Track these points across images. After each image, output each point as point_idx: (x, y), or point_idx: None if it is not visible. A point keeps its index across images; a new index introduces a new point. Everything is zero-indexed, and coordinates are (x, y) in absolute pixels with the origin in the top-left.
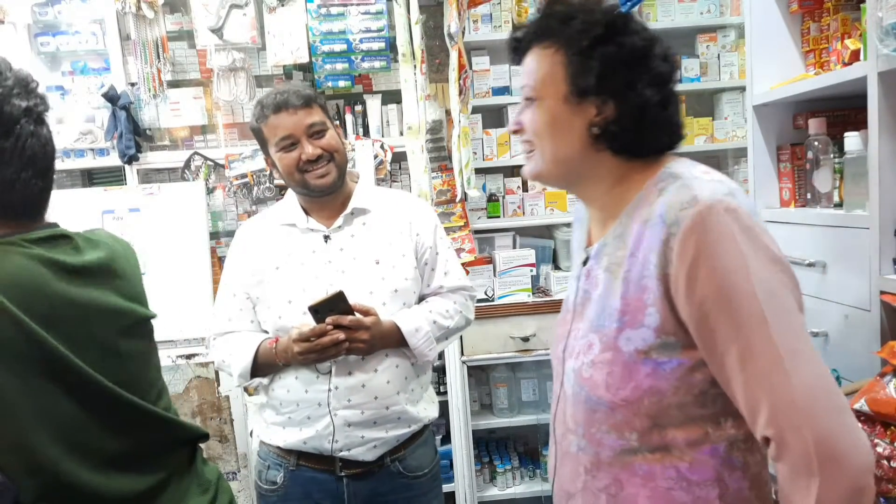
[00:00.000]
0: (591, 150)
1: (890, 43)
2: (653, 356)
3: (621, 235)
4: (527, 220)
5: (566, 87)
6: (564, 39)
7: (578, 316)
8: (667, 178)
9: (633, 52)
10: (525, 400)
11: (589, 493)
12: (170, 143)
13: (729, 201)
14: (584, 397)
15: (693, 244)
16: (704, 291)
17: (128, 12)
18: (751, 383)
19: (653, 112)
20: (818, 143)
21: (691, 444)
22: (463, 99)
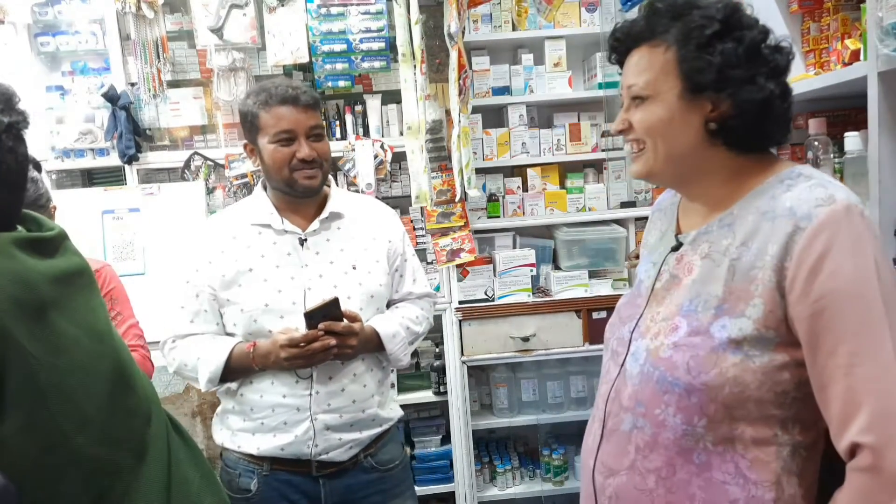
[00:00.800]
0: (706, 144)
1: (890, 43)
2: (745, 347)
3: (731, 225)
4: (527, 220)
5: (681, 83)
6: (677, 36)
7: (658, 299)
8: (796, 176)
9: (752, 46)
10: (525, 400)
11: (636, 472)
12: (170, 143)
13: (863, 208)
14: (656, 377)
15: (824, 239)
16: (825, 289)
17: (128, 12)
18: (854, 387)
19: (775, 104)
20: (818, 143)
21: (757, 443)
22: (463, 99)
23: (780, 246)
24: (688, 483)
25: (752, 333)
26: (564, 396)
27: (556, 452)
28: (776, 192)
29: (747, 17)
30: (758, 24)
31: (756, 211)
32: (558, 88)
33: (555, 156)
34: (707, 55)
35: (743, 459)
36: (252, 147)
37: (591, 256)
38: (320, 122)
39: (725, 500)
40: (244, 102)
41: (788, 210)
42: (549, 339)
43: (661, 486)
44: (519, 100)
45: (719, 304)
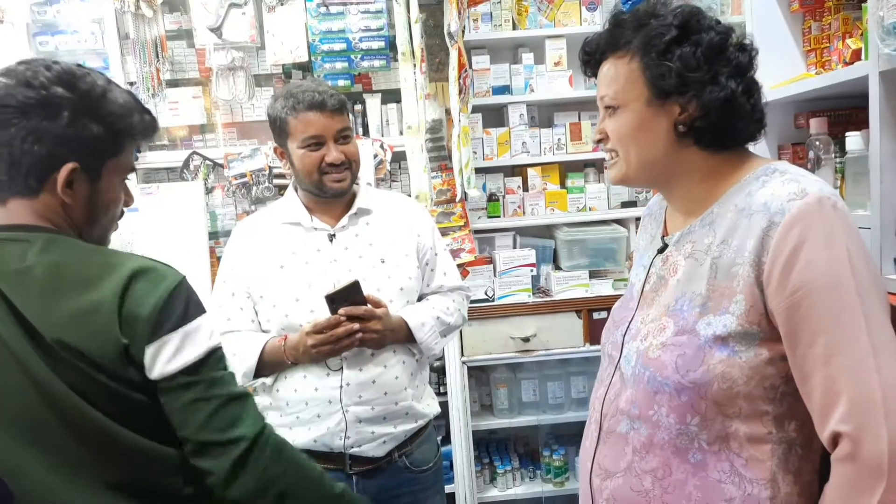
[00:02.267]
0: (678, 147)
1: (891, 42)
2: (730, 343)
3: (711, 224)
4: (527, 220)
5: (647, 90)
6: (639, 46)
7: (648, 302)
8: (771, 172)
9: (710, 48)
10: (525, 401)
11: (633, 473)
12: (168, 142)
13: (836, 200)
14: (647, 378)
15: (797, 233)
16: (800, 281)
17: (126, 11)
18: (834, 376)
19: (739, 102)
20: (819, 143)
21: (751, 441)
22: (463, 98)
23: (756, 241)
24: (684, 483)
25: (737, 329)
26: (565, 397)
27: (556, 453)
28: (752, 189)
29: (706, 20)
30: (717, 26)
31: (734, 208)
32: (559, 88)
33: (555, 155)
34: (667, 61)
35: (738, 458)
36: (282, 151)
37: (591, 256)
38: (348, 124)
39: (721, 498)
40: (272, 106)
41: (763, 205)
42: (550, 340)
43: (658, 486)
44: (519, 99)
45: (704, 303)
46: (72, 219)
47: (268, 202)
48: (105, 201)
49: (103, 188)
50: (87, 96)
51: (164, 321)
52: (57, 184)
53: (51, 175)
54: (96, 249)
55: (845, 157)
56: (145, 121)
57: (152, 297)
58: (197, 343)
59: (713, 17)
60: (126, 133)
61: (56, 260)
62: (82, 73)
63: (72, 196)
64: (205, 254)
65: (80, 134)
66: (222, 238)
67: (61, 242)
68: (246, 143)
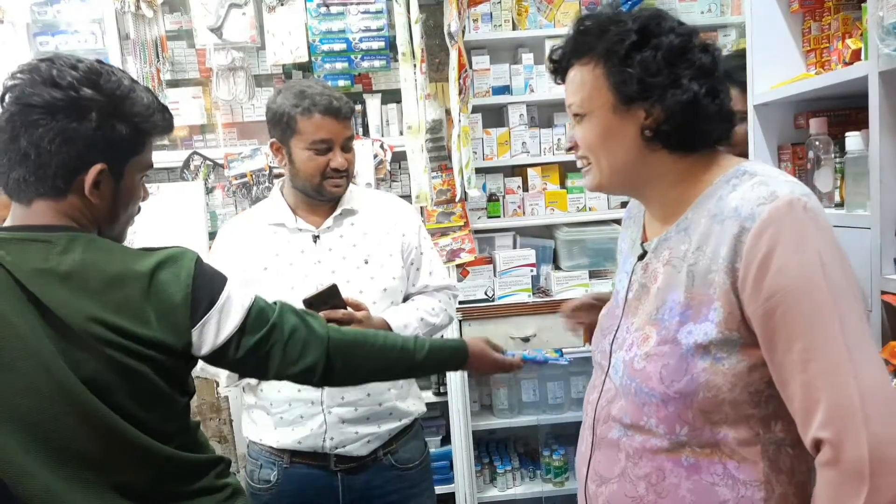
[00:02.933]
0: (647, 151)
1: (891, 42)
2: (712, 351)
3: (686, 230)
4: (527, 220)
5: (612, 97)
6: (602, 52)
7: (631, 310)
8: (740, 174)
9: (671, 51)
10: (525, 401)
11: (627, 479)
12: (169, 142)
13: (808, 200)
14: (633, 389)
15: (768, 238)
16: (774, 287)
17: (127, 11)
18: (811, 382)
19: (703, 104)
20: (819, 143)
21: (741, 443)
22: (463, 98)
23: (729, 248)
24: (677, 487)
25: (717, 337)
26: (565, 397)
27: (556, 453)
28: (723, 193)
29: (667, 23)
30: (679, 27)
31: (707, 214)
32: (559, 88)
33: (555, 155)
34: (628, 67)
35: (730, 460)
36: (280, 146)
37: (591, 256)
38: (353, 132)
39: (715, 501)
40: (277, 101)
41: (734, 211)
42: (550, 340)
43: (652, 491)
44: (519, 99)
45: (683, 311)
46: (94, 217)
47: None
48: (126, 199)
49: (126, 186)
50: (113, 97)
51: (199, 303)
52: (84, 185)
53: (78, 176)
54: (117, 246)
55: (845, 157)
56: (166, 119)
57: (180, 285)
58: (233, 312)
59: (675, 20)
60: (148, 132)
61: (79, 258)
62: (107, 73)
63: (98, 196)
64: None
65: (107, 135)
66: None
67: (83, 241)
68: (246, 144)
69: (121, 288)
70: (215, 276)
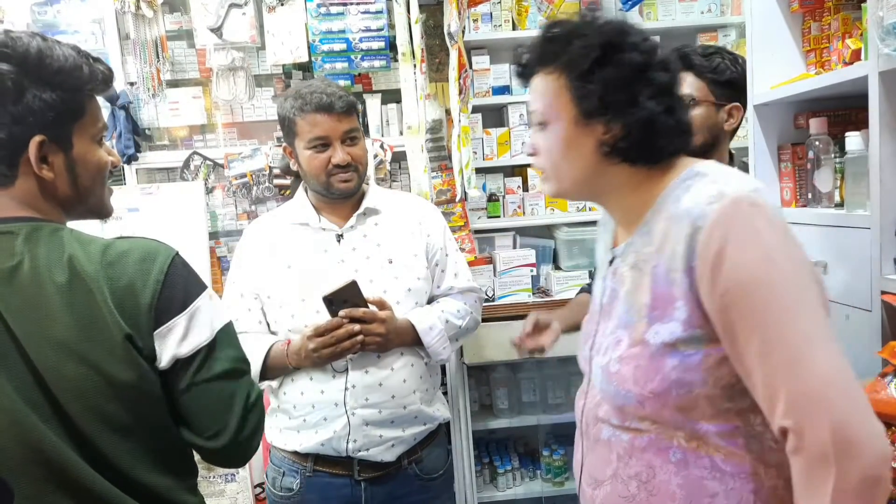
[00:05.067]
0: (606, 164)
1: (891, 42)
2: (680, 348)
3: (648, 233)
4: (527, 220)
5: (574, 109)
6: (565, 64)
7: (606, 315)
8: (693, 176)
9: (632, 69)
10: (525, 401)
11: (619, 480)
12: (169, 142)
13: (755, 196)
14: (612, 392)
15: (718, 236)
16: (728, 283)
17: (127, 11)
18: (771, 373)
19: (660, 122)
20: (819, 143)
21: (723, 437)
22: (463, 98)
23: (685, 247)
24: (667, 483)
25: (683, 335)
26: (565, 397)
27: (556, 453)
28: (678, 194)
29: (631, 38)
30: (643, 44)
31: (665, 216)
32: None
33: None
34: (589, 82)
35: (717, 454)
36: (290, 150)
37: (591, 256)
38: (355, 126)
39: (705, 494)
40: (282, 105)
41: (686, 212)
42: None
43: (643, 490)
44: (519, 99)
45: (650, 312)
46: (59, 197)
47: (268, 202)
48: (88, 167)
49: (80, 155)
50: (25, 63)
51: (167, 305)
52: (31, 165)
53: (19, 157)
54: (82, 238)
55: (845, 157)
56: (96, 70)
57: (148, 282)
58: (202, 325)
59: (641, 33)
60: (80, 89)
61: (38, 255)
62: (13, 39)
63: (52, 171)
64: (205, 254)
65: (32, 105)
66: (222, 238)
67: (46, 232)
68: (246, 143)
69: (82, 289)
70: (192, 280)
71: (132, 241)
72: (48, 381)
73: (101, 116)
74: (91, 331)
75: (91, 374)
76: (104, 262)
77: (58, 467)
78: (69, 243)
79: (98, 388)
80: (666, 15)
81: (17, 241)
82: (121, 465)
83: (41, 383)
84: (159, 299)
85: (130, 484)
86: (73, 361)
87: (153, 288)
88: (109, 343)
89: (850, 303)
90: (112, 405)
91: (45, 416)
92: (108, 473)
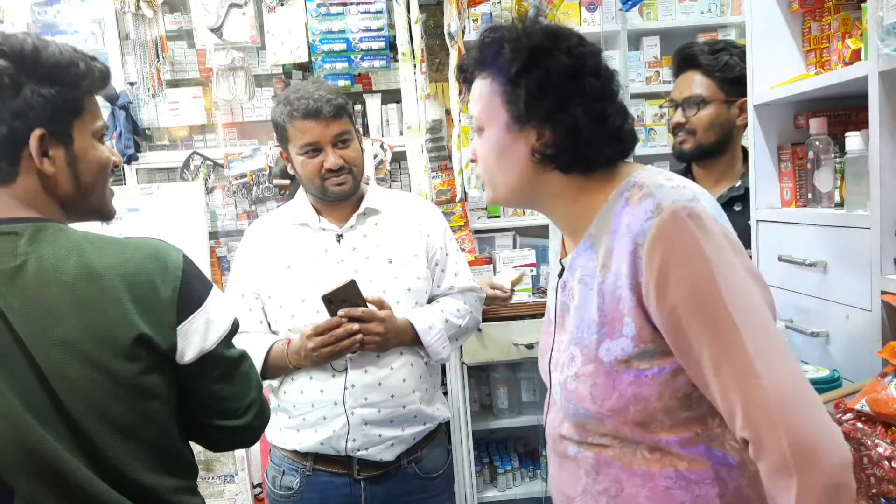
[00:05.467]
0: (540, 171)
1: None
2: (634, 365)
3: (591, 246)
4: (527, 220)
5: (506, 115)
6: (496, 69)
7: (560, 327)
8: (631, 187)
9: (560, 74)
10: (525, 401)
11: (589, 496)
12: (169, 142)
13: (692, 206)
14: (572, 410)
15: (660, 253)
16: (674, 298)
17: (127, 11)
18: (725, 387)
19: (587, 130)
20: (819, 143)
21: (684, 445)
22: (463, 98)
23: (628, 265)
24: (635, 496)
25: (634, 351)
26: None
27: None
28: (617, 209)
29: (563, 43)
30: (575, 48)
31: (607, 230)
32: None
33: None
34: (517, 87)
35: (680, 462)
36: (286, 154)
37: None
38: (346, 128)
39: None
40: (273, 111)
41: (627, 228)
42: None
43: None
44: None
45: (599, 329)
46: (61, 195)
47: (268, 202)
48: (89, 164)
49: (81, 151)
50: (21, 58)
51: (188, 299)
52: (33, 161)
53: (21, 153)
54: (91, 237)
55: (845, 157)
56: (93, 67)
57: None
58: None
59: (577, 37)
60: (76, 85)
61: (45, 255)
62: (5, 37)
63: (52, 164)
64: (205, 254)
65: (31, 100)
66: (222, 238)
67: (50, 231)
68: (246, 143)
69: (92, 287)
70: (202, 275)
71: (140, 240)
72: (52, 381)
73: (100, 114)
74: (99, 331)
75: (96, 375)
76: (119, 258)
77: (57, 471)
78: (77, 241)
79: (103, 389)
80: (666, 15)
81: (21, 242)
82: (122, 467)
83: (45, 384)
84: (180, 294)
85: (131, 486)
86: (78, 361)
87: (173, 284)
88: (118, 343)
89: (850, 303)
90: (116, 406)
91: (45, 418)
92: (109, 475)
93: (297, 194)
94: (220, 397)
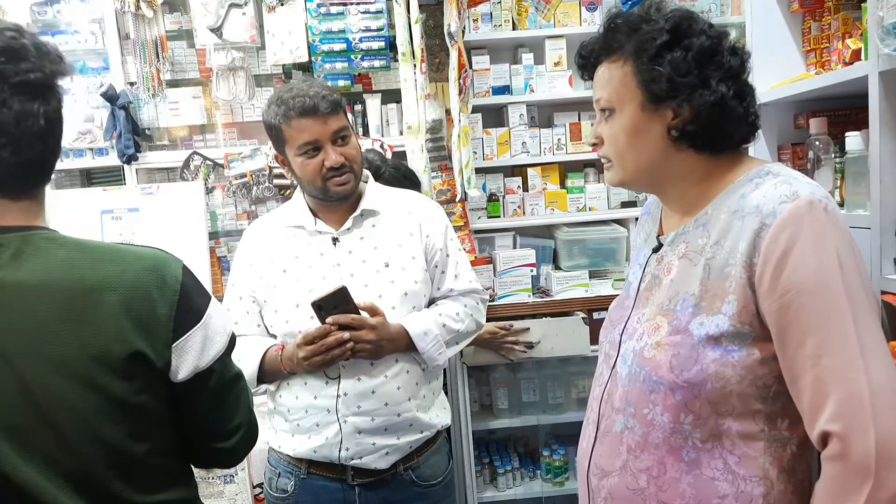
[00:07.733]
0: (673, 150)
1: (891, 42)
2: (723, 343)
3: (705, 225)
4: (527, 220)
5: (640, 95)
6: (632, 50)
7: (643, 301)
8: (764, 174)
9: (701, 52)
10: (525, 401)
11: (628, 472)
12: (169, 142)
13: (828, 201)
14: (642, 377)
15: (787, 235)
16: (792, 280)
17: (127, 11)
18: (821, 378)
19: (730, 106)
20: (819, 143)
21: (744, 437)
22: (463, 98)
23: (748, 243)
24: (678, 481)
25: (729, 329)
26: (565, 397)
27: (556, 453)
28: (746, 191)
29: (698, 24)
30: (710, 30)
31: (728, 210)
32: (559, 88)
33: (555, 155)
34: (658, 66)
35: (731, 455)
36: (282, 158)
37: (591, 256)
38: (344, 124)
39: (715, 495)
40: (267, 113)
41: (755, 208)
42: (555, 346)
43: (653, 484)
44: (519, 99)
45: (697, 303)
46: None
47: (268, 202)
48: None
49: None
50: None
51: (185, 316)
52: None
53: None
54: (80, 244)
55: (845, 157)
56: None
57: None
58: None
59: (706, 21)
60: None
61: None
62: None
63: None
64: (205, 254)
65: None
66: (222, 238)
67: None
68: (246, 143)
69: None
70: (201, 288)
71: (138, 249)
72: (41, 401)
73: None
74: (92, 348)
75: (89, 394)
76: (114, 270)
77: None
78: (69, 251)
79: (96, 408)
80: None
81: (5, 255)
82: (112, 489)
83: (34, 404)
84: (178, 310)
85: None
86: (69, 380)
87: (172, 298)
88: (112, 360)
89: None
90: (109, 425)
91: (28, 441)
92: (98, 500)
93: (295, 195)
94: (208, 418)
